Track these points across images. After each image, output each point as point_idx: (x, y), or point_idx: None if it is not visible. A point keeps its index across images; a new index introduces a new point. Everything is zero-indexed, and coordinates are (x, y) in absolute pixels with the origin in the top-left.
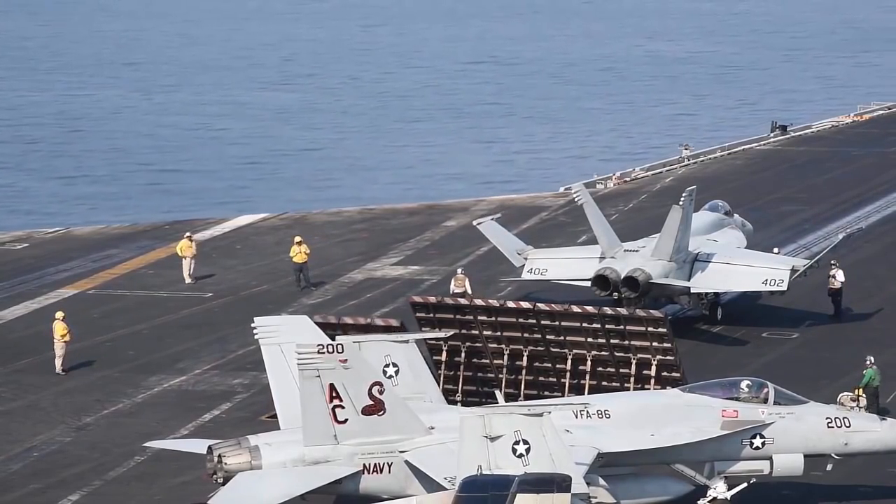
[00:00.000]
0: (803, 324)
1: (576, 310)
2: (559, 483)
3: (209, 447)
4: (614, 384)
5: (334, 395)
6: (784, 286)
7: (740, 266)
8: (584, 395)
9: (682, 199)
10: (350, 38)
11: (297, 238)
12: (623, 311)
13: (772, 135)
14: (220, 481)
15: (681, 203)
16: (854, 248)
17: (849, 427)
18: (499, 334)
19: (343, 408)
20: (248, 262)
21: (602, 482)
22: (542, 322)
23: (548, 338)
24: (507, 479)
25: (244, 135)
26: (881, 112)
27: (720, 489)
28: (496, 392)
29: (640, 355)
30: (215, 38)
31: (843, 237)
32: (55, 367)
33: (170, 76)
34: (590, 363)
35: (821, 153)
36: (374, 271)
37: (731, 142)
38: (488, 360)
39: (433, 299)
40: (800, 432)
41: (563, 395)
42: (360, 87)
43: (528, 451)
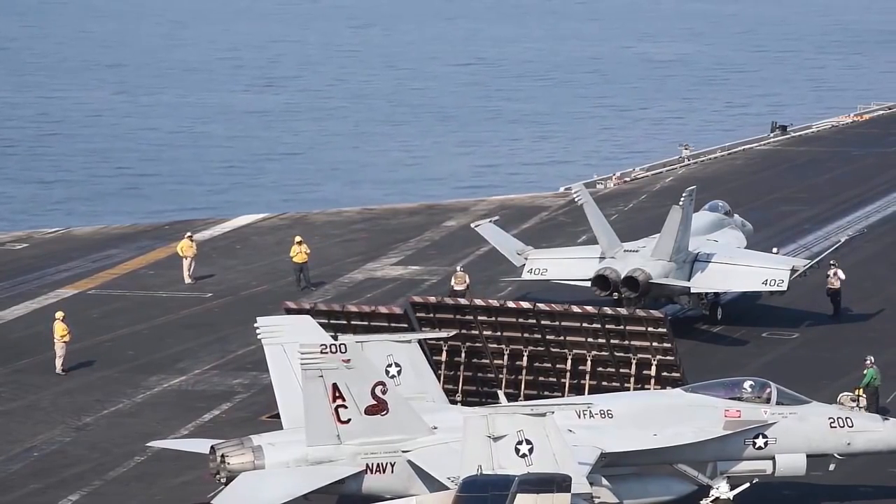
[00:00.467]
0: (803, 324)
1: (576, 310)
2: (559, 483)
3: (212, 447)
4: (614, 384)
5: (337, 394)
6: (784, 286)
7: (740, 266)
8: (583, 395)
9: (682, 199)
10: (339, 40)
11: (298, 238)
12: (623, 311)
13: (772, 135)
14: (223, 481)
15: (681, 203)
16: (854, 248)
17: (851, 427)
18: (499, 334)
19: (346, 408)
20: (248, 262)
21: (605, 482)
22: (542, 322)
23: (548, 338)
24: (507, 480)
25: (228, 136)
26: (881, 112)
27: (723, 489)
28: (499, 392)
29: (640, 355)
30: (216, 39)
31: (845, 240)
32: (55, 367)
33: (155, 77)
34: (590, 363)
35: (821, 153)
36: (374, 271)
37: (731, 142)
38: (488, 360)
39: (433, 299)
40: (802, 432)
41: (563, 395)
42: (346, 88)
43: (531, 451)
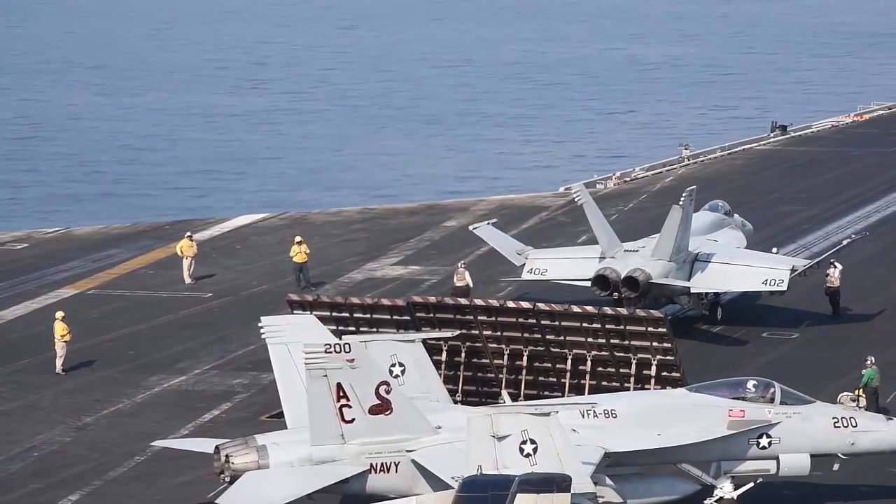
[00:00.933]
0: (803, 324)
1: (576, 310)
2: (559, 483)
3: (216, 447)
4: (614, 384)
5: (341, 394)
6: (784, 286)
7: (740, 266)
8: (583, 395)
9: (682, 199)
10: (328, 41)
11: (298, 238)
12: (623, 311)
13: (772, 135)
14: (227, 480)
15: (681, 203)
16: (854, 248)
17: (855, 427)
18: (499, 334)
19: (350, 407)
20: (248, 262)
21: (609, 482)
22: (542, 322)
23: (548, 338)
24: (507, 479)
25: (213, 138)
26: (881, 112)
27: (727, 489)
28: (503, 392)
29: (640, 355)
30: (221, 39)
31: (847, 242)
32: (55, 367)
33: (138, 78)
34: (590, 363)
35: (821, 153)
36: (374, 271)
37: (731, 142)
38: (488, 360)
39: (433, 299)
40: (806, 432)
41: (563, 395)
42: (333, 89)
43: (535, 450)
